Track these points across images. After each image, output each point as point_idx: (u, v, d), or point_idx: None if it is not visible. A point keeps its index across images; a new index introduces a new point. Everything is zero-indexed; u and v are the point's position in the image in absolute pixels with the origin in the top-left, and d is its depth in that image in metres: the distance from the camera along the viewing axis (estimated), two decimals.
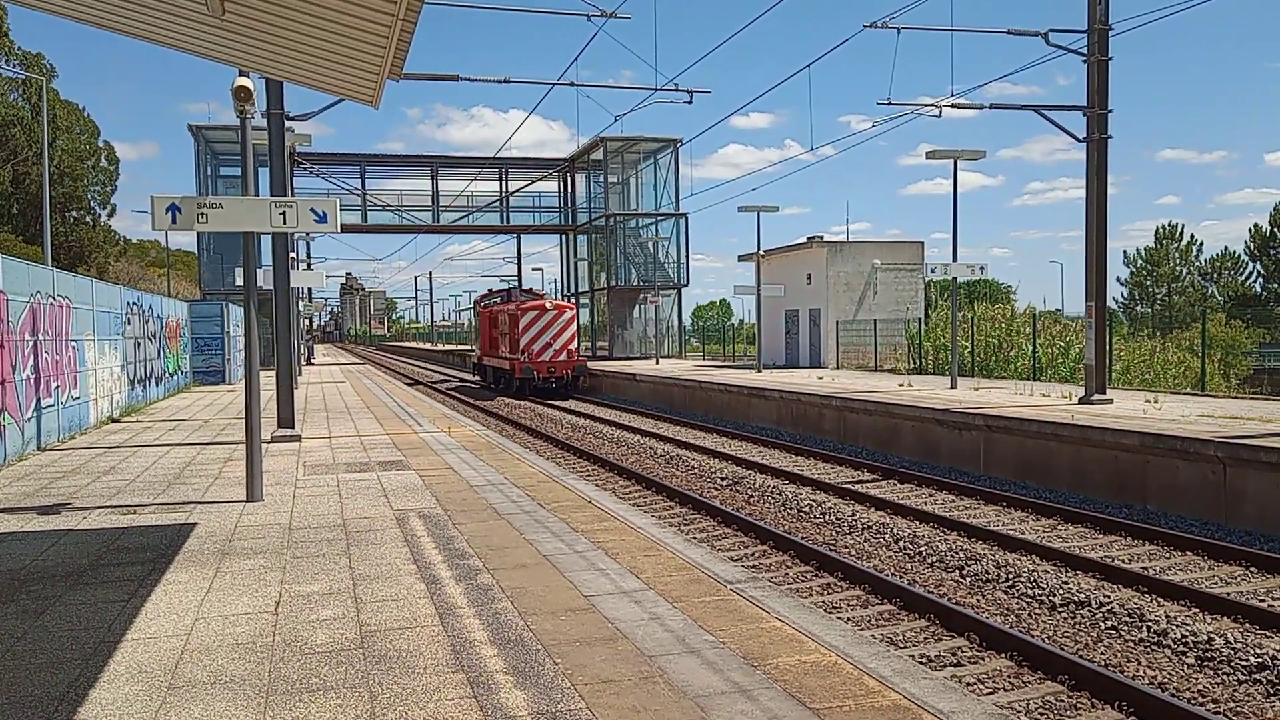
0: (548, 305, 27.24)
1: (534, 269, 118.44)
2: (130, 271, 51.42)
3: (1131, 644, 6.10)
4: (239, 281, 8.50)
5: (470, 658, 4.09)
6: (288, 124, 13.43)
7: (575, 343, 27.25)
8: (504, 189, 43.06)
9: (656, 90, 17.21)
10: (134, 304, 17.91)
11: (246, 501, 7.87)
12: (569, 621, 4.57)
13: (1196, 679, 5.50)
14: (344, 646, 4.26)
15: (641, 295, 36.29)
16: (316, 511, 7.44)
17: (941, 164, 20.55)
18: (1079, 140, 14.15)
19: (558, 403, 25.25)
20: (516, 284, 48.43)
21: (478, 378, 35.10)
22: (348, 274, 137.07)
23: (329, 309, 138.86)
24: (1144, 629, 6.26)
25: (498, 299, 33.21)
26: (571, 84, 17.33)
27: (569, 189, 45.08)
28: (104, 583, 5.44)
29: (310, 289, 44.32)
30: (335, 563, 5.80)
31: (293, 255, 23.86)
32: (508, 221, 44.92)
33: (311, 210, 7.83)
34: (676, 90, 17.14)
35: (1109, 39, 13.95)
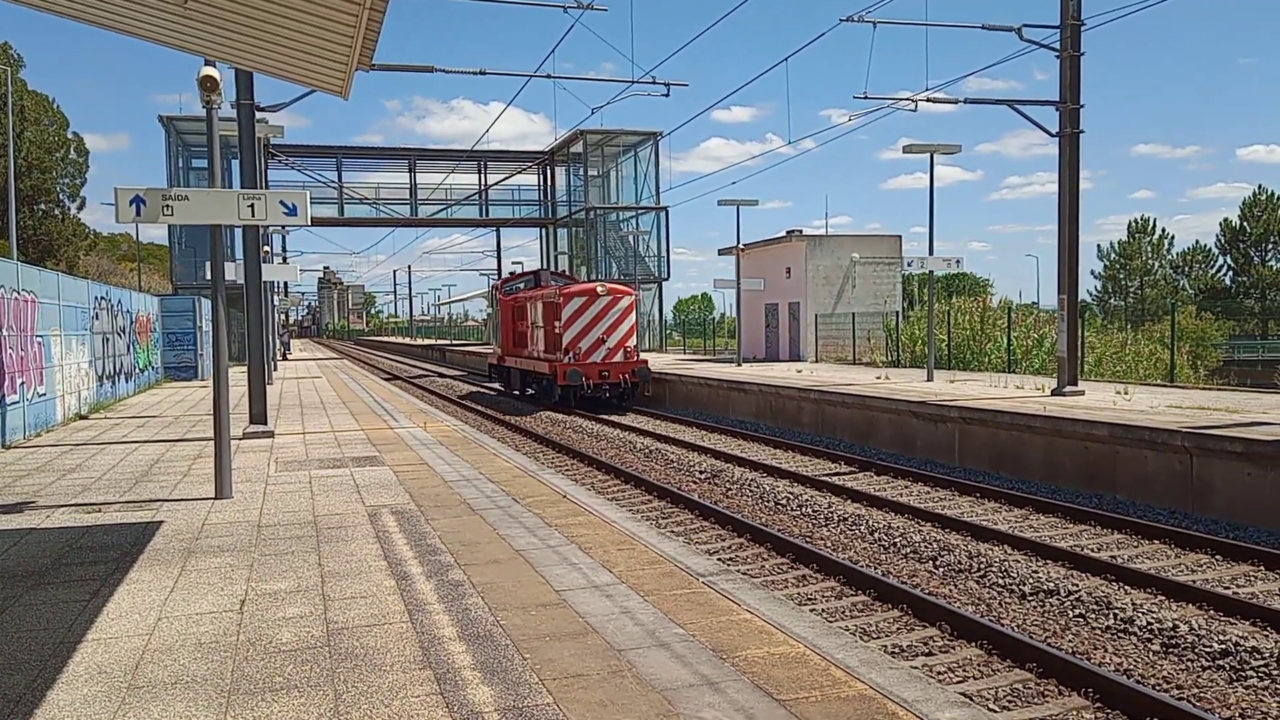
0: (600, 290, 20.98)
1: (514, 262, 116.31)
2: (101, 265, 50.50)
3: (1099, 631, 6.18)
4: None
5: (438, 654, 4.05)
6: (259, 115, 13.24)
7: (634, 338, 21.29)
8: (483, 182, 42.82)
9: (633, 83, 17.18)
10: (102, 298, 17.60)
11: (215, 499, 7.76)
12: (539, 616, 4.55)
13: (1161, 665, 5.58)
14: (309, 645, 4.21)
15: None
16: (287, 508, 7.35)
17: (920, 158, 20.64)
18: (1051, 135, 14.27)
19: (608, 415, 19.65)
20: (497, 273, 47.86)
21: (496, 382, 27.96)
22: (325, 268, 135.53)
23: (306, 303, 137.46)
24: (1111, 616, 6.35)
25: (522, 284, 26.55)
26: (549, 76, 17.25)
27: (549, 182, 44.90)
28: (66, 582, 5.34)
29: (285, 283, 43.91)
30: (304, 560, 5.73)
31: (267, 249, 23.59)
32: (487, 214, 44.69)
33: (281, 202, 7.71)
34: (654, 83, 17.10)
35: (1081, 34, 14.08)
